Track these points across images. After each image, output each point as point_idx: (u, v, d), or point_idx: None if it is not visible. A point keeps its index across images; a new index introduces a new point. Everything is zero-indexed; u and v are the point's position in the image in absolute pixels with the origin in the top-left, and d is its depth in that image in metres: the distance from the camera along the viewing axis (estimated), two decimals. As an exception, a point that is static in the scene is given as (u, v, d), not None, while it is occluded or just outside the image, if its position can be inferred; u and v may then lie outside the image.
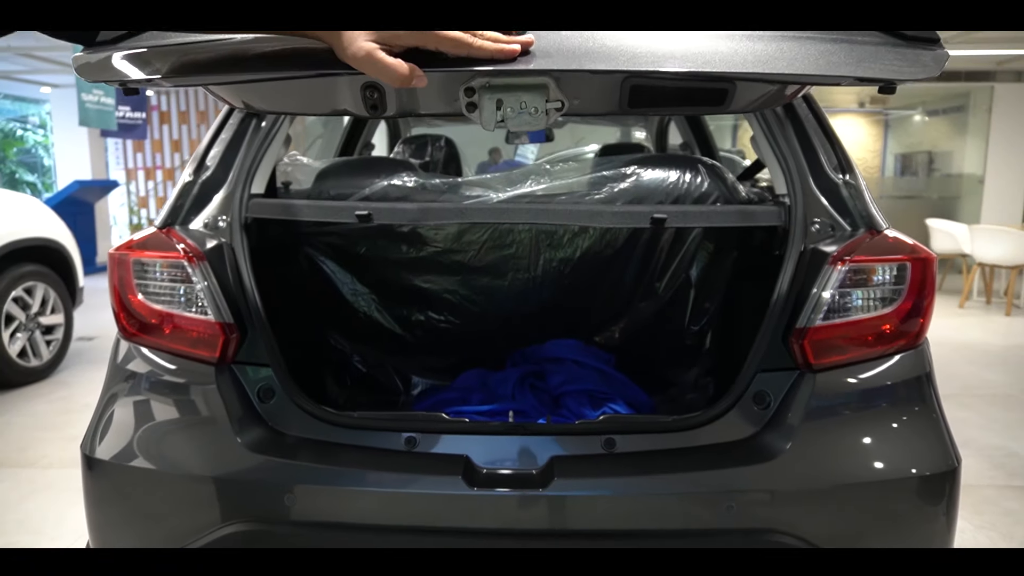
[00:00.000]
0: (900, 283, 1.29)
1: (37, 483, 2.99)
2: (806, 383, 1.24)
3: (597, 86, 1.02)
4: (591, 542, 1.18)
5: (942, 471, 1.25)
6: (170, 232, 1.36)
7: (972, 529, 2.61)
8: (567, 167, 1.65)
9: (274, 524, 1.19)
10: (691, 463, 1.20)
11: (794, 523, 1.17)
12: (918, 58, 0.91)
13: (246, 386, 1.29)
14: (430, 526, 1.17)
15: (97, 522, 1.32)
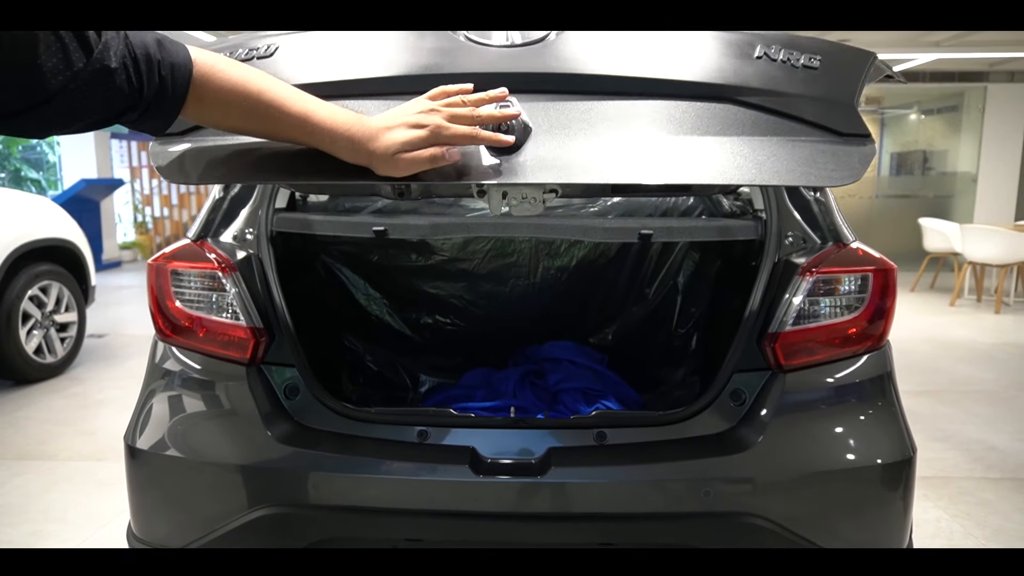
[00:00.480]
0: (863, 292, 1.43)
1: (58, 474, 3.13)
2: (777, 382, 1.38)
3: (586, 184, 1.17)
4: (585, 525, 1.32)
5: (899, 460, 1.39)
6: (203, 244, 1.50)
7: (948, 518, 2.75)
8: None
9: (300, 508, 1.33)
10: (673, 454, 1.34)
11: (765, 507, 1.31)
12: (849, 159, 1.06)
13: (273, 384, 1.42)
14: (440, 510, 1.31)
15: (139, 506, 1.47)
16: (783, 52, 1.13)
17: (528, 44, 1.11)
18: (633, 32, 1.13)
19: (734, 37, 1.14)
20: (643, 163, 1.05)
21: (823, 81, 1.13)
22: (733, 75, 1.12)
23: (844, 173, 1.04)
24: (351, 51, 1.15)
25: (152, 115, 0.93)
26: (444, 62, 1.10)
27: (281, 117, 0.97)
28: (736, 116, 1.12)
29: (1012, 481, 3.09)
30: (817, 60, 1.13)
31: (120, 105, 0.89)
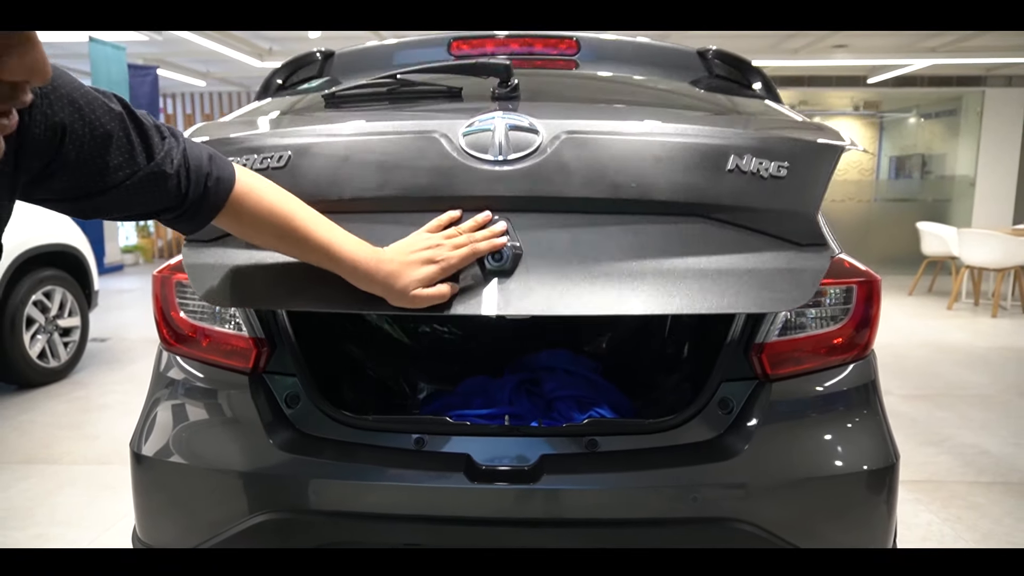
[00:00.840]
0: (848, 303, 1.47)
1: (63, 478, 3.18)
2: (763, 391, 1.42)
3: None
4: (575, 530, 1.36)
5: (883, 466, 1.43)
6: (207, 256, 1.54)
7: (939, 522, 2.79)
8: None
9: (301, 513, 1.37)
10: (662, 461, 1.38)
11: (751, 513, 1.35)
12: (803, 277, 1.20)
13: (275, 393, 1.46)
14: (435, 515, 1.35)
15: (144, 510, 1.51)
16: (754, 162, 1.20)
17: (516, 161, 1.21)
18: (614, 152, 1.23)
19: (710, 148, 1.22)
20: (620, 293, 1.17)
21: (789, 192, 1.21)
22: (705, 192, 1.20)
23: (797, 295, 1.17)
24: (355, 168, 1.24)
25: (188, 218, 1.03)
26: (442, 184, 1.21)
27: (307, 242, 1.09)
28: (706, 232, 1.21)
29: (1003, 485, 3.13)
30: (785, 169, 1.20)
31: (163, 204, 0.99)
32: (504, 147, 1.22)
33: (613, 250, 1.20)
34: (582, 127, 1.23)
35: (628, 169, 1.21)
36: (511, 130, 1.23)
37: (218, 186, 1.02)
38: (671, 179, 1.20)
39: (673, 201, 1.21)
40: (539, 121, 1.25)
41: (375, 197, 1.22)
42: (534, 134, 1.23)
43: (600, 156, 1.21)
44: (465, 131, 1.24)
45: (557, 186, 1.20)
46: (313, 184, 1.22)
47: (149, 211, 0.99)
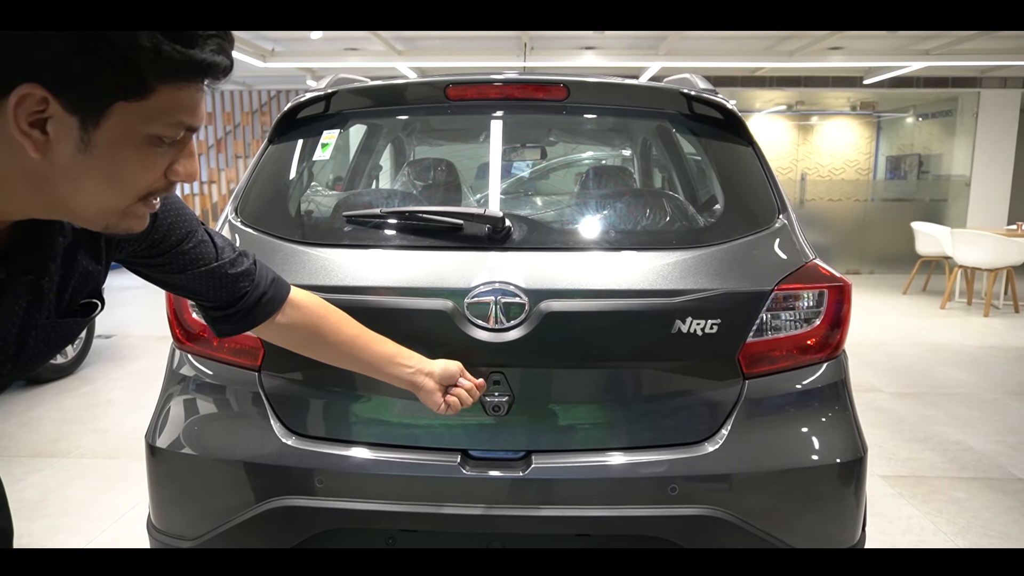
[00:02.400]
0: (820, 306, 1.57)
1: (72, 471, 3.27)
2: (740, 388, 1.52)
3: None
4: (562, 517, 1.46)
5: (851, 459, 1.53)
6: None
7: (920, 516, 2.89)
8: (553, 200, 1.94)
9: (306, 502, 1.47)
10: (642, 453, 1.48)
11: (726, 502, 1.45)
12: (712, 413, 1.53)
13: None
14: (431, 505, 1.45)
15: (158, 500, 1.61)
16: (694, 324, 1.46)
17: (509, 330, 1.47)
18: (583, 324, 1.48)
19: (660, 314, 1.47)
20: (591, 432, 1.53)
21: (717, 341, 1.48)
22: (656, 350, 1.50)
23: (703, 427, 1.51)
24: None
25: (235, 321, 1.17)
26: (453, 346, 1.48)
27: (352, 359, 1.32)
28: (649, 377, 1.54)
29: (984, 480, 3.23)
30: (716, 325, 1.47)
31: (223, 299, 1.14)
32: (500, 316, 1.46)
33: (582, 394, 1.55)
34: (560, 307, 1.47)
35: (594, 337, 1.49)
36: (504, 300, 1.46)
37: (272, 301, 1.19)
38: (630, 340, 1.51)
39: (631, 359, 1.54)
40: (525, 292, 1.46)
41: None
42: (523, 304, 1.46)
43: (572, 327, 1.48)
44: (468, 303, 1.46)
45: (540, 351, 1.48)
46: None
47: (211, 300, 1.14)
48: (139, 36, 0.66)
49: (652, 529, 1.45)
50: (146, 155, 0.72)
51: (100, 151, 0.69)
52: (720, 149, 1.80)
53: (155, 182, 0.75)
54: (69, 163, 0.69)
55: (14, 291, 0.79)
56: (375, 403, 1.54)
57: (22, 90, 0.65)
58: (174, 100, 0.70)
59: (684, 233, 1.72)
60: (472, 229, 1.55)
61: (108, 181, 0.71)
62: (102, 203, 0.73)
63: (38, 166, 0.68)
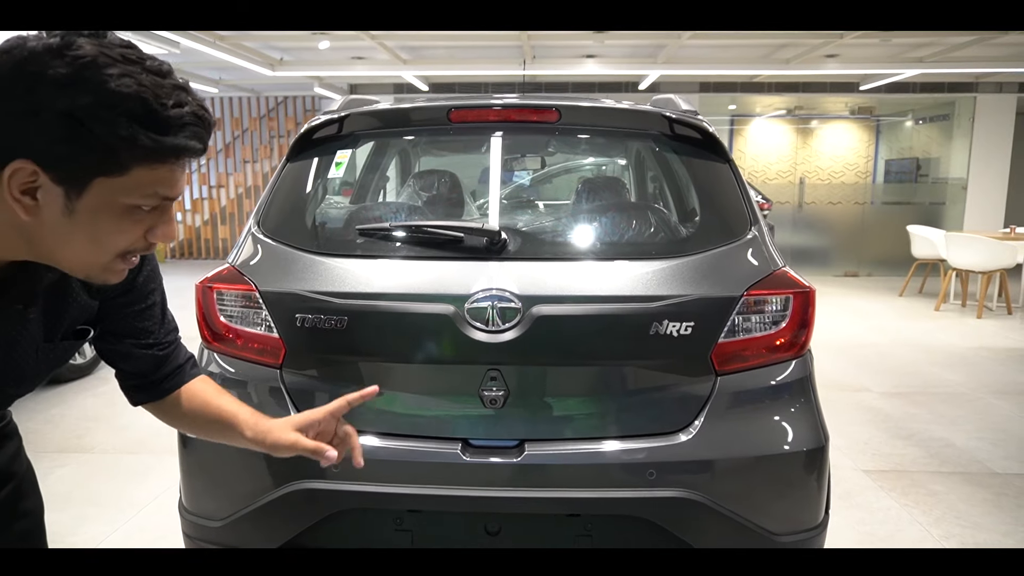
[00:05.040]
0: (786, 310, 1.74)
1: (97, 466, 3.46)
2: (712, 384, 1.69)
3: None
4: (554, 499, 1.63)
5: (814, 447, 1.70)
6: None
7: (898, 507, 3.05)
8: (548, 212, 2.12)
9: (324, 484, 1.64)
10: (624, 441, 1.65)
11: (699, 485, 1.62)
12: (685, 405, 1.69)
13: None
14: (437, 484, 1.63)
15: (189, 485, 1.78)
16: (671, 326, 1.63)
17: (504, 331, 1.63)
18: (572, 326, 1.65)
19: (640, 318, 1.64)
20: (581, 424, 1.70)
21: (691, 342, 1.64)
22: (635, 350, 1.66)
23: (679, 419, 1.67)
24: (393, 335, 1.70)
25: (144, 390, 1.18)
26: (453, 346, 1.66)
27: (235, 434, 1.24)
28: (630, 374, 1.71)
29: (962, 475, 3.39)
30: (690, 328, 1.63)
31: (143, 368, 1.15)
32: (496, 319, 1.62)
33: (569, 387, 1.71)
34: (550, 311, 1.63)
35: (581, 338, 1.65)
36: (501, 305, 1.63)
37: (179, 378, 1.20)
38: (614, 342, 1.67)
39: (612, 359, 1.70)
40: (519, 297, 1.63)
41: (412, 353, 1.69)
42: (517, 309, 1.62)
43: (561, 329, 1.64)
44: (468, 307, 1.62)
45: (532, 350, 1.64)
46: (369, 342, 1.70)
47: (131, 368, 1.15)
48: (118, 126, 0.76)
49: (634, 509, 1.62)
50: (124, 220, 0.83)
51: (82, 216, 0.81)
52: (699, 167, 1.97)
53: (134, 243, 0.87)
54: (55, 224, 0.81)
55: (4, 318, 0.93)
56: (385, 397, 1.71)
57: (16, 164, 0.77)
58: (149, 177, 0.81)
59: (664, 244, 1.89)
60: (472, 241, 1.73)
61: (89, 241, 0.83)
62: (84, 259, 0.86)
63: (29, 224, 0.82)
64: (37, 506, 1.24)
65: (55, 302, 0.99)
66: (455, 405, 1.70)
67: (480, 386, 1.65)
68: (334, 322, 1.66)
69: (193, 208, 11.73)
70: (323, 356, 1.72)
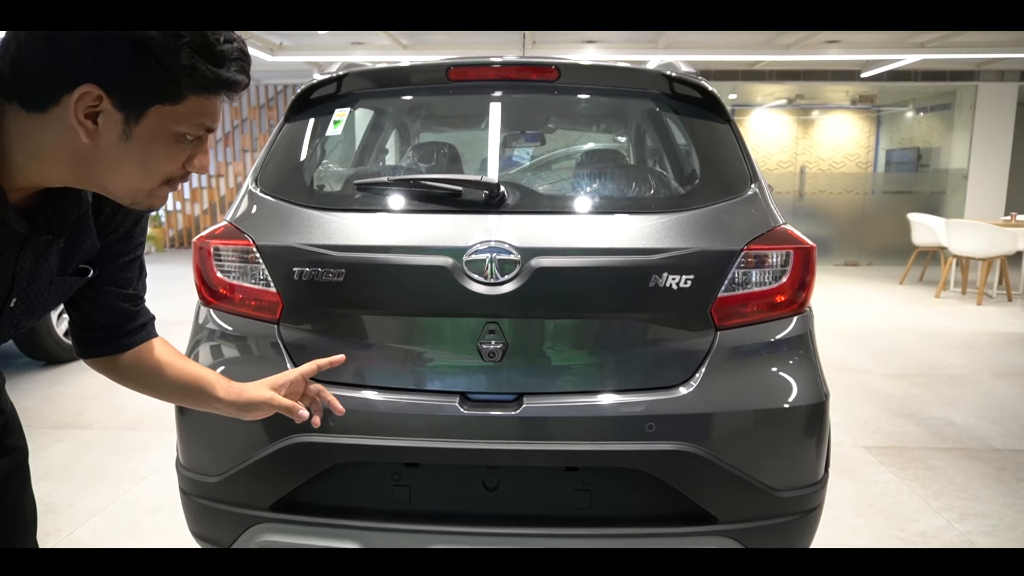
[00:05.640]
0: (786, 266, 1.72)
1: (95, 441, 3.45)
2: (712, 338, 1.67)
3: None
4: (552, 452, 1.62)
5: (814, 403, 1.69)
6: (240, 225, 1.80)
7: (897, 480, 3.04)
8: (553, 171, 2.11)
9: (321, 437, 1.63)
10: (623, 395, 1.64)
11: (698, 439, 1.61)
12: (684, 360, 1.67)
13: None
14: (435, 437, 1.62)
15: (187, 440, 1.77)
16: (670, 279, 1.62)
17: (503, 283, 1.61)
18: (571, 277, 1.63)
19: (639, 270, 1.62)
20: (568, 377, 1.68)
21: (691, 295, 1.63)
22: (635, 303, 1.65)
23: (678, 373, 1.65)
24: (392, 287, 1.67)
25: (107, 342, 1.18)
26: (453, 298, 1.63)
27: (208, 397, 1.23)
28: (630, 327, 1.69)
29: (961, 451, 3.38)
30: (690, 281, 1.62)
31: (113, 322, 1.16)
32: (495, 271, 1.61)
33: (569, 340, 1.70)
34: (548, 263, 1.61)
35: (579, 290, 1.64)
36: (499, 257, 1.61)
37: (143, 332, 1.21)
38: (609, 296, 1.66)
39: (615, 310, 1.68)
40: (518, 249, 1.61)
41: (410, 306, 1.68)
42: (515, 261, 1.61)
43: (559, 281, 1.63)
44: (466, 260, 1.61)
45: (531, 303, 1.63)
46: (367, 295, 1.67)
47: (103, 320, 1.16)
48: (180, 55, 0.82)
49: (633, 462, 1.61)
50: (172, 148, 0.89)
51: (137, 142, 0.86)
52: (699, 126, 1.96)
53: (175, 171, 0.92)
54: (111, 149, 0.86)
55: (33, 246, 0.96)
56: (383, 351, 1.70)
57: (83, 88, 0.81)
58: (200, 107, 0.88)
59: (664, 199, 1.88)
60: (470, 195, 1.71)
61: (139, 166, 0.88)
62: (132, 184, 0.91)
63: (86, 149, 0.86)
64: (22, 445, 1.24)
65: (76, 237, 1.02)
66: (453, 358, 1.69)
67: (478, 339, 1.64)
68: (332, 275, 1.65)
69: (192, 197, 11.71)
70: (320, 310, 1.71)
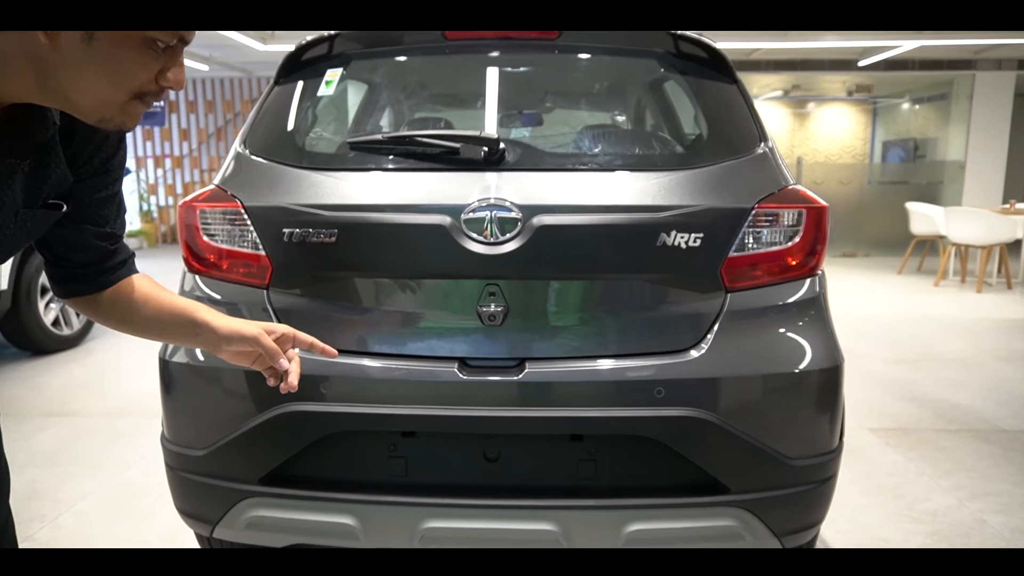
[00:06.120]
0: (799, 225, 1.65)
1: (82, 428, 3.36)
2: (723, 300, 1.60)
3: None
4: (555, 418, 1.54)
5: (828, 367, 1.61)
6: (228, 189, 1.72)
7: (904, 461, 2.98)
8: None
9: (313, 406, 1.55)
10: (630, 359, 1.56)
11: (709, 404, 1.53)
12: (692, 323, 1.59)
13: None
14: (433, 404, 1.54)
15: (172, 413, 1.69)
16: (679, 238, 1.55)
17: (504, 243, 1.54)
18: (574, 236, 1.56)
19: (646, 228, 1.55)
20: (572, 341, 1.60)
21: (700, 255, 1.56)
22: (642, 262, 1.57)
23: (688, 336, 1.58)
24: (389, 248, 1.58)
25: (82, 281, 1.09)
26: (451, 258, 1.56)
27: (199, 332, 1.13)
28: (637, 288, 1.62)
29: (969, 432, 3.32)
30: (699, 240, 1.55)
31: (88, 259, 1.07)
32: (495, 231, 1.53)
33: (574, 303, 1.62)
34: (551, 221, 1.53)
35: (584, 249, 1.56)
36: (499, 215, 1.53)
37: (122, 270, 1.12)
38: (616, 255, 1.58)
39: (623, 271, 1.60)
40: (519, 207, 1.53)
41: (406, 268, 1.60)
42: (516, 219, 1.53)
43: (563, 240, 1.55)
44: (465, 218, 1.53)
45: (533, 263, 1.55)
46: (361, 257, 1.59)
47: (80, 259, 1.07)
48: None
49: (641, 429, 1.53)
50: (142, 55, 0.80)
51: (101, 44, 0.77)
52: (705, 85, 1.88)
53: (147, 83, 0.83)
54: (72, 51, 0.77)
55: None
56: (377, 315, 1.62)
57: None
58: None
59: (670, 157, 1.80)
60: (469, 152, 1.64)
61: (106, 74, 0.79)
62: (99, 94, 0.81)
63: (45, 51, 0.77)
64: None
65: (42, 164, 0.93)
66: (452, 322, 1.61)
67: (478, 302, 1.57)
68: (324, 236, 1.57)
69: (185, 192, 11.60)
70: (312, 274, 1.63)
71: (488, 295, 1.57)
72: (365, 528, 1.58)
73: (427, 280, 1.60)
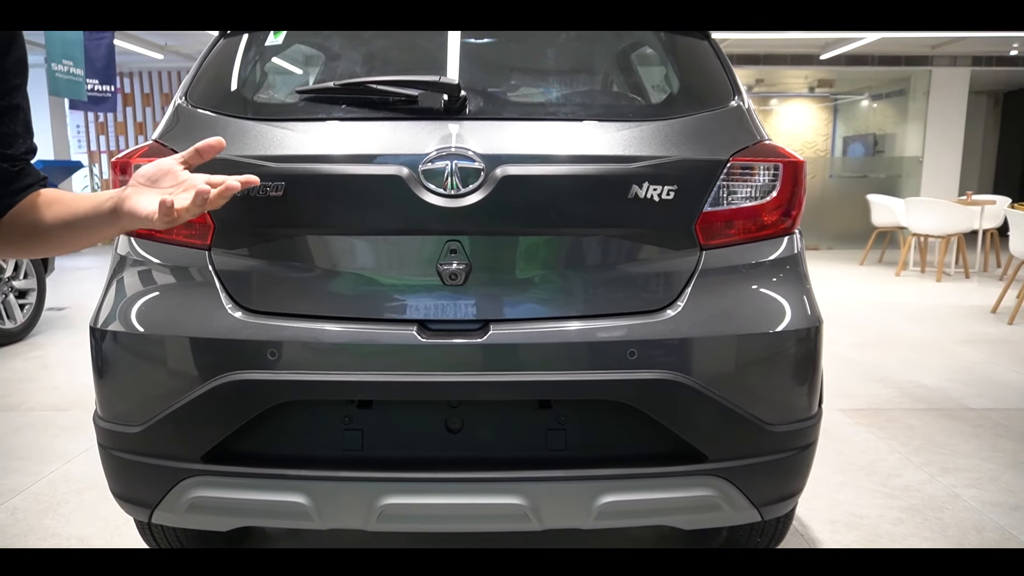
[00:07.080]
0: (775, 180, 1.58)
1: (22, 422, 3.17)
2: (697, 258, 1.52)
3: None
4: (521, 383, 1.44)
5: (806, 327, 1.54)
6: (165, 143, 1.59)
7: (875, 440, 2.95)
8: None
9: (260, 374, 1.43)
10: (601, 320, 1.47)
11: (684, 367, 1.45)
12: (668, 281, 1.52)
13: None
14: (390, 371, 1.42)
15: (105, 387, 1.54)
16: (651, 190, 1.46)
17: (466, 195, 1.43)
18: (542, 187, 1.46)
19: (617, 180, 1.46)
20: (539, 301, 1.50)
21: (674, 209, 1.48)
22: (613, 216, 1.48)
23: (661, 295, 1.50)
24: (341, 201, 1.47)
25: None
26: (409, 212, 1.44)
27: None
28: (608, 244, 1.51)
29: (937, 411, 3.31)
30: (672, 192, 1.46)
31: None
32: (456, 182, 1.42)
33: (541, 259, 1.51)
34: (517, 171, 1.44)
35: (552, 202, 1.46)
36: (460, 165, 1.42)
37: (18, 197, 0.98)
38: (590, 207, 1.48)
39: (591, 225, 1.50)
40: (483, 157, 1.43)
41: (359, 223, 1.47)
42: (480, 169, 1.43)
43: (530, 192, 1.45)
44: (423, 168, 1.42)
45: (497, 217, 1.45)
46: (311, 212, 1.47)
47: None
48: None
49: (613, 393, 1.44)
50: None
51: None
52: (677, 38, 1.80)
53: None
54: None
55: None
56: (329, 275, 1.50)
57: None
58: None
59: (642, 107, 1.72)
60: (428, 100, 1.53)
61: None
62: None
63: None
64: None
65: None
66: (410, 281, 1.50)
67: (438, 260, 1.46)
68: (270, 190, 1.44)
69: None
70: (257, 231, 1.51)
71: (449, 252, 1.46)
72: (318, 507, 1.46)
73: (382, 236, 1.49)
